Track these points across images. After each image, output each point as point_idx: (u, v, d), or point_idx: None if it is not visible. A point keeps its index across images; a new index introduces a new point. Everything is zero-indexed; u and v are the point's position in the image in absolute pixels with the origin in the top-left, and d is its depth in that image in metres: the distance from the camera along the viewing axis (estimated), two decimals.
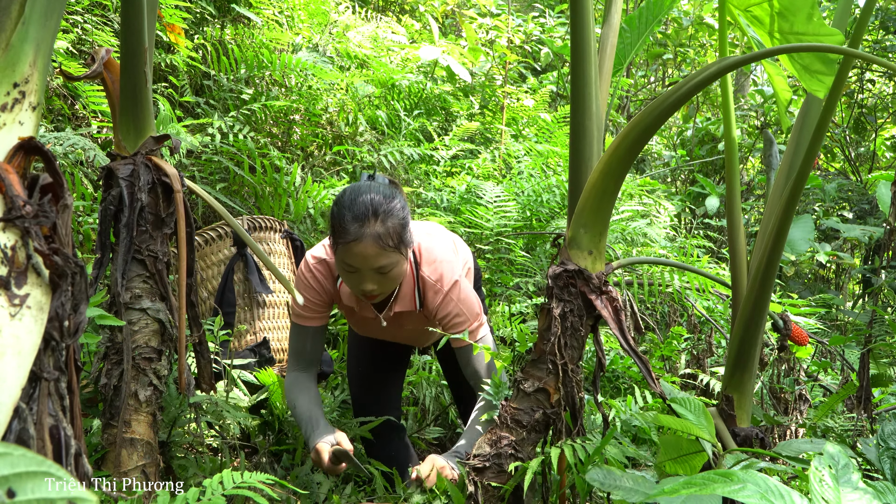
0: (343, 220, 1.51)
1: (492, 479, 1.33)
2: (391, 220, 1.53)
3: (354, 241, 1.50)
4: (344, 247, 1.52)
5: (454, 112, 4.65)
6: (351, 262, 1.53)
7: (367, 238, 1.50)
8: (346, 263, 1.54)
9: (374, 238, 1.50)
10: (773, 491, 0.82)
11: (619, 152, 1.30)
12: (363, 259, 1.51)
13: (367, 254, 1.51)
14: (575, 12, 1.35)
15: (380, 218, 1.51)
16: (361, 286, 1.57)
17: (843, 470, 0.89)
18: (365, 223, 1.50)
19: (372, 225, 1.50)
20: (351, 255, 1.52)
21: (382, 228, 1.51)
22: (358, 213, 1.51)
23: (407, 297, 1.73)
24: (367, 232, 1.50)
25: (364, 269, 1.54)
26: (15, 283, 0.75)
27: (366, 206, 1.51)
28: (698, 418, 1.21)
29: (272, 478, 1.21)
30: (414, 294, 1.73)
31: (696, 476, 0.87)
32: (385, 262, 1.53)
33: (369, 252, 1.51)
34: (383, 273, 1.55)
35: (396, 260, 1.56)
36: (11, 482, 0.49)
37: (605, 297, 1.35)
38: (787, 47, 1.22)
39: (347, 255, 1.53)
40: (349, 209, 1.52)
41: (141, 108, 1.40)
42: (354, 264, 1.53)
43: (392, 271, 1.57)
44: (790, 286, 5.52)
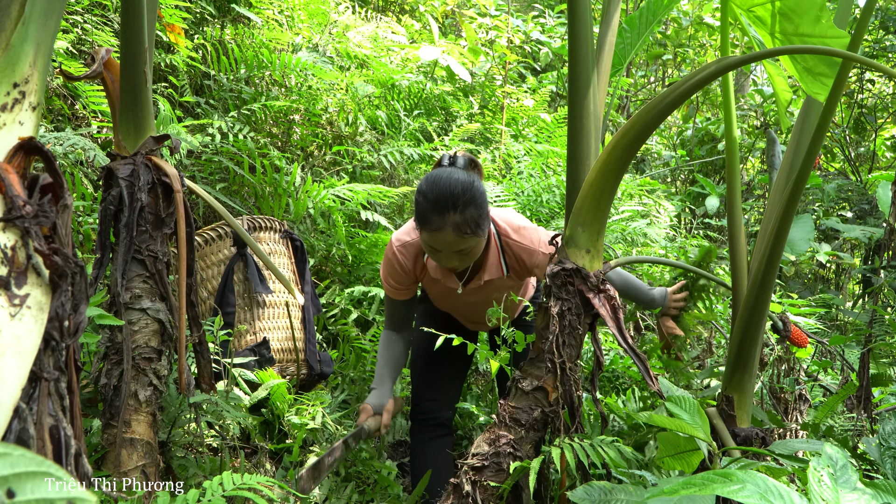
0: (424, 208, 1.64)
1: (490, 479, 1.33)
2: (469, 209, 1.64)
3: (436, 230, 1.64)
4: (427, 233, 1.67)
5: (454, 112, 4.65)
6: (433, 245, 1.69)
7: (447, 227, 1.63)
8: (429, 245, 1.70)
9: (453, 227, 1.63)
10: (772, 491, 0.82)
11: (618, 151, 1.30)
12: (444, 244, 1.66)
13: (447, 241, 1.65)
14: (573, 11, 1.35)
15: (459, 209, 1.62)
16: (442, 262, 1.74)
17: (841, 470, 0.89)
18: (445, 214, 1.62)
19: (451, 216, 1.62)
20: (434, 240, 1.67)
21: (461, 218, 1.63)
22: (438, 204, 1.62)
23: (493, 265, 1.87)
24: (447, 222, 1.62)
25: (445, 251, 1.69)
26: (15, 283, 0.76)
27: (445, 197, 1.62)
28: (693, 417, 1.21)
29: (272, 480, 1.21)
30: (500, 262, 1.88)
31: (695, 476, 0.87)
32: (464, 247, 1.68)
33: (449, 239, 1.65)
34: (462, 254, 1.71)
35: (475, 243, 1.70)
36: (11, 482, 0.49)
37: (603, 295, 1.36)
38: (789, 48, 1.22)
39: (429, 239, 1.68)
40: (431, 199, 1.63)
41: (141, 108, 1.40)
42: (436, 246, 1.69)
43: (471, 251, 1.72)
44: (790, 286, 5.52)
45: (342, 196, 2.92)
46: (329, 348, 2.64)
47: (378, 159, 3.48)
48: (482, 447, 1.36)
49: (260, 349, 2.18)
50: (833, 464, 0.90)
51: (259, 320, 2.26)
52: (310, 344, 2.33)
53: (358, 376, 2.46)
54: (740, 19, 1.50)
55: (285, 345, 2.28)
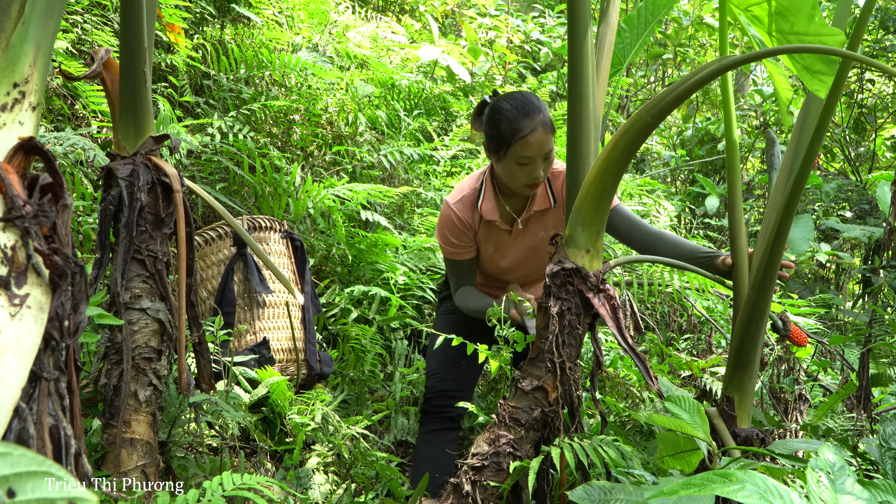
0: (511, 121, 1.73)
1: (490, 479, 1.33)
2: (544, 109, 1.75)
3: (531, 132, 1.71)
4: (520, 142, 1.72)
5: (454, 112, 4.65)
6: (527, 154, 1.74)
7: (539, 126, 1.71)
8: (522, 156, 1.74)
9: (543, 125, 1.72)
10: (771, 491, 0.82)
11: (617, 150, 1.30)
12: (539, 146, 1.73)
13: (541, 140, 1.72)
14: (572, 11, 1.35)
15: (541, 108, 1.74)
16: (533, 174, 1.78)
17: (839, 472, 0.89)
18: (533, 115, 1.72)
19: (538, 115, 1.73)
20: (528, 146, 1.72)
21: (545, 116, 1.74)
22: (523, 110, 1.73)
23: (541, 195, 1.92)
24: (537, 121, 1.72)
25: (537, 157, 1.75)
26: (15, 283, 0.76)
27: (523, 103, 1.74)
28: (692, 417, 1.21)
29: (272, 480, 1.21)
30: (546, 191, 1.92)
31: (695, 477, 0.87)
32: (551, 146, 1.76)
33: (542, 138, 1.72)
34: (547, 158, 1.77)
35: (552, 143, 1.77)
36: (12, 482, 0.49)
37: (603, 295, 1.36)
38: (786, 48, 1.22)
39: (524, 148, 1.73)
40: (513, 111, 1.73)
41: (140, 108, 1.40)
42: (531, 154, 1.74)
43: (550, 155, 1.79)
44: (790, 286, 5.52)
45: (342, 196, 2.92)
46: (329, 348, 2.64)
47: (378, 159, 3.48)
48: (482, 447, 1.37)
49: (260, 349, 2.18)
50: (831, 465, 0.90)
51: (259, 320, 2.26)
52: (310, 344, 2.33)
53: (358, 376, 2.46)
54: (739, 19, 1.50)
55: (285, 345, 2.29)
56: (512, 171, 1.80)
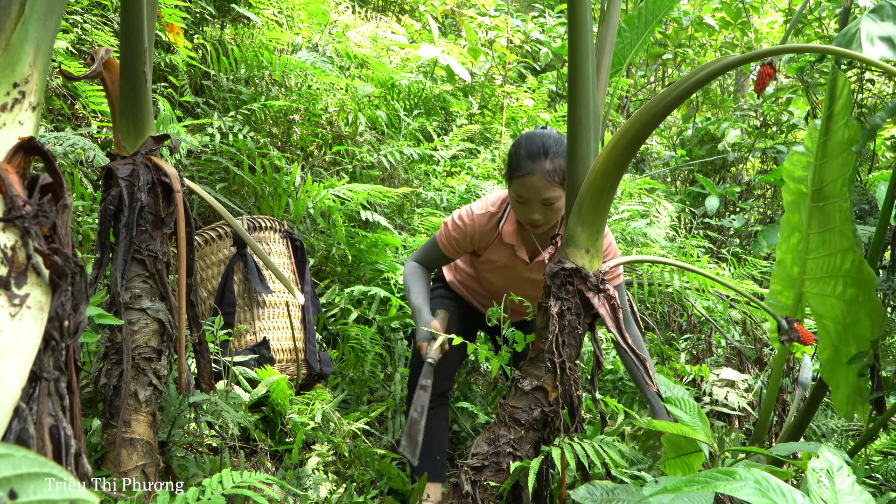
0: (518, 156, 1.78)
1: (490, 479, 1.33)
2: (559, 159, 1.76)
3: (527, 175, 1.75)
4: (518, 179, 1.77)
5: (454, 112, 4.64)
6: (522, 194, 1.78)
7: (537, 172, 1.74)
8: (518, 195, 1.79)
9: (542, 172, 1.74)
10: (773, 489, 0.82)
11: (617, 150, 1.30)
12: (533, 190, 1.75)
13: (536, 186, 1.75)
14: (573, 11, 1.35)
15: (549, 156, 1.75)
16: (530, 215, 1.81)
17: (838, 471, 0.89)
18: (536, 159, 1.74)
19: (542, 161, 1.74)
20: (523, 186, 1.76)
21: (551, 165, 1.74)
22: (531, 150, 1.76)
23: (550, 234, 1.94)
24: (537, 167, 1.74)
25: (533, 200, 1.78)
26: (15, 283, 0.76)
27: (538, 145, 1.76)
28: (693, 419, 1.21)
29: (271, 478, 1.21)
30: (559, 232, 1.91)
31: (698, 474, 0.87)
32: (550, 195, 1.77)
33: (538, 184, 1.74)
34: (548, 205, 1.79)
35: (560, 195, 1.78)
36: (14, 483, 0.49)
37: (603, 295, 1.36)
38: (784, 48, 1.22)
39: (520, 187, 1.77)
40: (524, 147, 1.77)
41: (141, 108, 1.40)
42: (525, 195, 1.78)
43: (555, 204, 1.80)
44: None
45: (342, 196, 2.92)
46: (329, 348, 2.64)
47: (378, 159, 3.48)
48: (482, 447, 1.37)
49: (260, 349, 2.18)
50: (831, 465, 0.90)
51: (259, 320, 2.26)
52: (310, 344, 2.33)
53: (358, 376, 2.46)
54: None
55: (285, 345, 2.29)
56: (513, 205, 1.85)
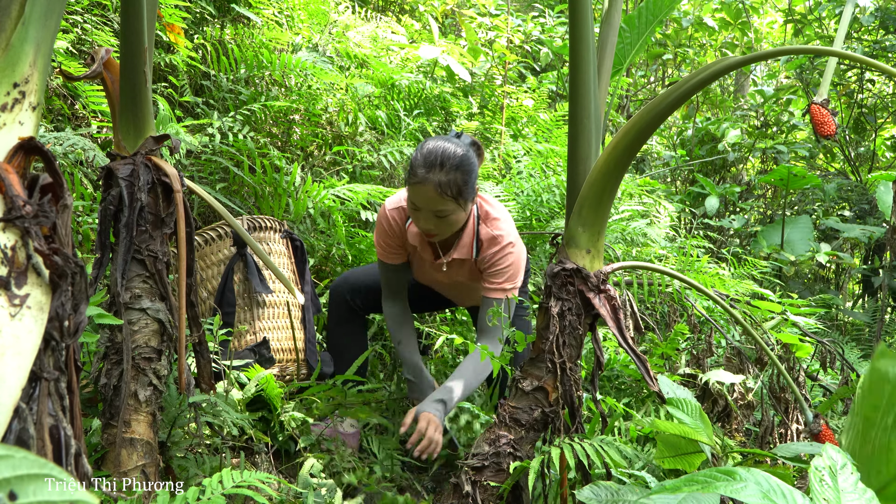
0: (415, 163, 1.76)
1: (490, 479, 1.33)
2: (455, 172, 1.74)
3: (419, 183, 1.73)
4: (411, 186, 1.77)
5: (454, 112, 4.64)
6: (414, 201, 1.78)
7: (429, 182, 1.72)
8: (411, 201, 1.79)
9: (435, 184, 1.72)
10: (774, 490, 0.82)
11: (618, 151, 1.30)
12: (424, 200, 1.75)
13: (427, 196, 1.74)
14: (574, 10, 1.35)
15: (445, 168, 1.73)
16: (420, 223, 1.82)
17: (841, 471, 0.89)
18: (431, 170, 1.72)
19: (437, 173, 1.72)
20: (415, 194, 1.76)
21: (445, 178, 1.72)
22: (428, 159, 1.74)
23: (466, 246, 1.95)
24: (430, 177, 1.72)
25: (425, 209, 1.77)
26: (15, 283, 0.75)
27: (436, 155, 1.74)
28: (695, 421, 1.21)
29: (272, 477, 1.21)
30: (472, 245, 1.95)
31: (699, 473, 0.87)
32: (442, 207, 1.76)
33: (429, 195, 1.73)
34: (440, 217, 1.78)
35: (453, 208, 1.78)
36: (13, 485, 0.49)
37: (604, 295, 1.36)
38: (784, 49, 1.22)
39: (412, 194, 1.77)
40: (423, 154, 1.75)
41: (141, 108, 1.40)
42: (417, 203, 1.78)
43: (448, 217, 1.79)
44: (790, 286, 5.52)
45: (342, 196, 2.92)
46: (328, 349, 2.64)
47: (378, 159, 3.48)
48: (482, 447, 1.36)
49: (260, 349, 2.18)
50: (834, 464, 0.90)
51: (259, 320, 2.26)
52: (310, 344, 2.33)
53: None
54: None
55: (285, 345, 2.28)
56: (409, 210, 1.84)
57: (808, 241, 5.33)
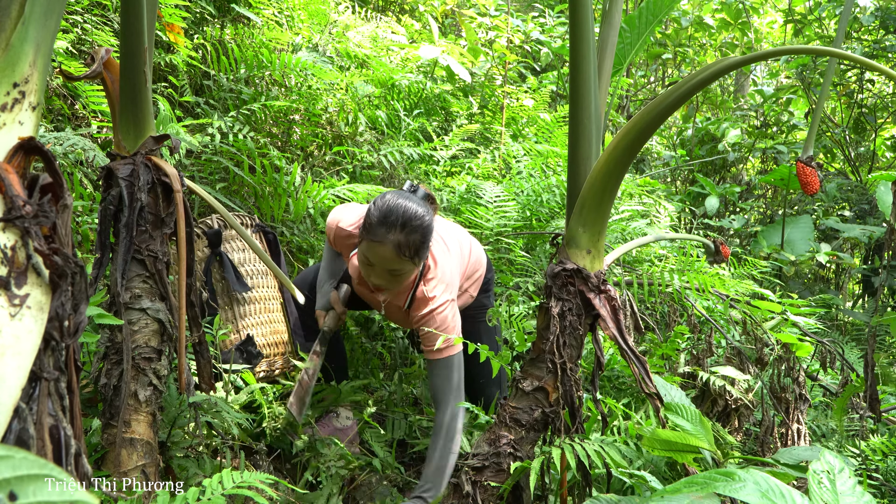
0: (374, 220, 1.70)
1: (490, 479, 1.33)
2: (414, 234, 1.69)
3: (378, 242, 1.69)
4: (367, 243, 1.72)
5: (454, 112, 4.64)
6: (369, 257, 1.74)
7: (388, 243, 1.68)
8: (365, 256, 1.75)
9: (394, 245, 1.68)
10: (773, 490, 0.82)
11: (619, 151, 1.30)
12: (381, 259, 1.71)
13: (384, 256, 1.70)
14: (574, 11, 1.35)
15: (406, 230, 1.68)
16: (372, 278, 1.79)
17: (839, 474, 0.89)
18: (391, 230, 1.68)
19: (396, 233, 1.68)
20: (371, 251, 1.72)
21: (404, 239, 1.69)
22: (388, 219, 1.69)
23: (402, 294, 1.91)
24: (390, 238, 1.68)
25: (378, 266, 1.74)
26: (15, 283, 0.75)
27: (397, 215, 1.69)
28: (695, 427, 1.21)
29: (272, 477, 1.21)
30: (407, 295, 1.91)
31: (698, 476, 0.87)
32: (398, 267, 1.72)
33: (387, 255, 1.69)
34: (393, 275, 1.75)
35: (409, 269, 1.75)
36: (13, 485, 0.49)
37: (604, 296, 1.36)
38: (784, 49, 1.22)
39: (368, 251, 1.73)
40: (382, 212, 1.70)
41: (141, 108, 1.40)
42: (372, 260, 1.73)
43: (401, 276, 1.76)
44: (790, 286, 5.52)
45: (342, 196, 2.92)
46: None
47: (378, 159, 3.48)
48: (482, 447, 1.36)
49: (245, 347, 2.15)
50: (832, 467, 0.90)
51: (242, 318, 2.24)
52: (296, 336, 2.32)
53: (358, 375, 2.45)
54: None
55: (271, 339, 2.27)
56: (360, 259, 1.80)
57: (808, 241, 5.34)
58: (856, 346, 4.54)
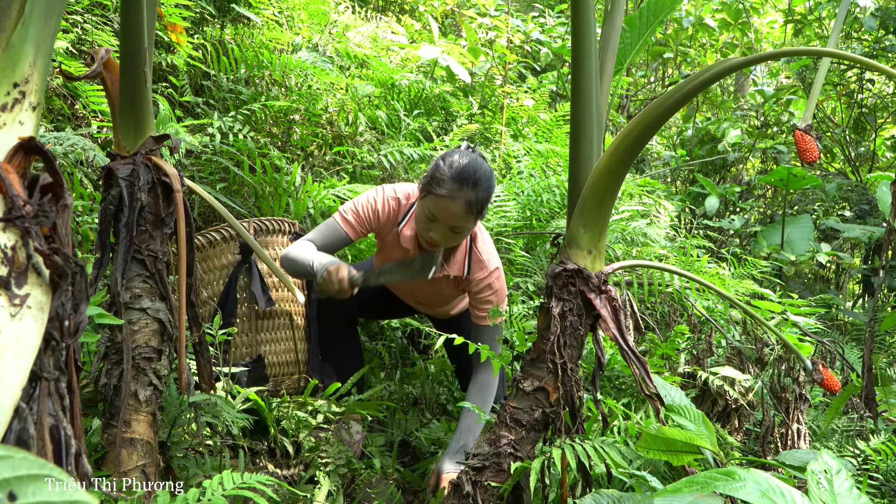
0: (441, 175, 1.70)
1: (491, 479, 1.33)
2: (483, 192, 1.72)
3: (448, 198, 1.69)
4: (436, 198, 1.71)
5: (454, 112, 4.64)
6: (435, 213, 1.73)
7: (459, 199, 1.69)
8: (430, 212, 1.74)
9: (465, 201, 1.69)
10: (773, 490, 0.82)
11: (620, 152, 1.30)
12: (448, 215, 1.71)
13: (453, 212, 1.70)
14: (576, 11, 1.35)
15: (477, 187, 1.70)
16: (431, 233, 1.77)
17: (837, 475, 0.89)
18: (464, 186, 1.69)
19: (469, 190, 1.69)
20: (439, 207, 1.71)
21: (474, 196, 1.70)
22: (462, 175, 1.69)
23: (458, 262, 1.93)
24: (462, 194, 1.69)
25: (443, 222, 1.73)
26: (15, 283, 0.75)
27: (470, 172, 1.70)
28: (699, 427, 1.21)
29: (272, 479, 1.21)
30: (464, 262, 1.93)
31: (698, 475, 0.87)
32: (462, 224, 1.74)
33: (456, 211, 1.70)
34: (455, 232, 1.76)
35: (470, 226, 1.77)
36: (13, 485, 0.49)
37: (605, 296, 1.35)
38: (784, 51, 1.22)
39: (436, 206, 1.72)
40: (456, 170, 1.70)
41: (141, 108, 1.40)
42: (438, 215, 1.73)
43: (461, 233, 1.77)
44: (790, 286, 5.52)
45: (342, 196, 2.92)
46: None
47: (378, 159, 3.48)
48: (483, 447, 1.36)
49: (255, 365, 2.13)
50: (829, 468, 0.90)
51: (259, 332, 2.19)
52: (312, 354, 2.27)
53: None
54: None
55: (283, 357, 2.22)
56: (418, 217, 1.79)
57: (809, 240, 5.33)
58: (856, 346, 4.54)
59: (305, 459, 1.92)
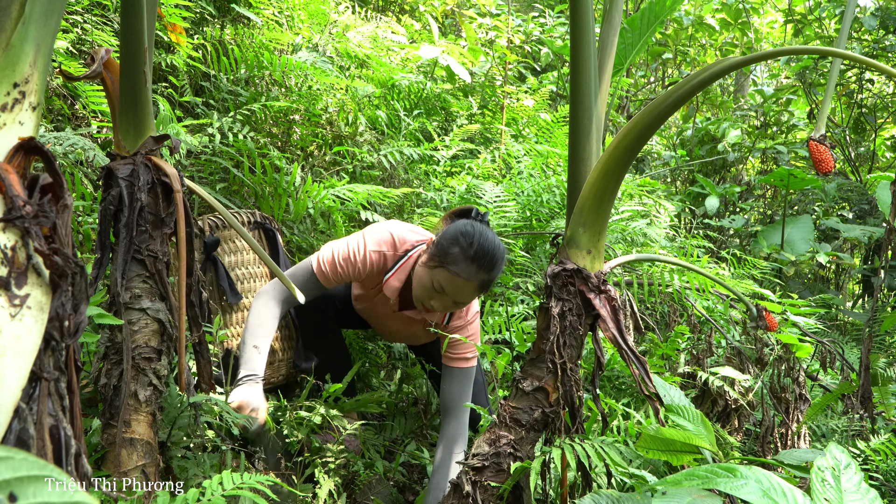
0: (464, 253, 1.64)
1: (490, 479, 1.33)
2: (497, 273, 1.69)
3: (463, 278, 1.64)
4: (450, 275, 1.65)
5: (454, 112, 4.64)
6: (445, 287, 1.67)
7: (474, 280, 1.65)
8: (440, 285, 1.67)
9: (479, 283, 1.67)
10: (774, 488, 0.82)
11: (619, 151, 1.30)
12: (458, 292, 1.67)
13: (465, 291, 1.67)
14: (575, 11, 1.35)
15: (493, 270, 1.67)
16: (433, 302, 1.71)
17: (845, 470, 0.88)
18: (481, 269, 1.65)
19: (484, 273, 1.65)
20: (451, 283, 1.66)
21: (488, 277, 1.67)
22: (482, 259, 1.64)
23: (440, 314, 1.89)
24: (478, 276, 1.65)
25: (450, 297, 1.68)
26: (15, 284, 0.75)
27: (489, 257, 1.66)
28: (697, 427, 1.21)
29: (272, 479, 1.21)
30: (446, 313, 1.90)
31: (699, 469, 0.87)
32: (469, 300, 1.70)
33: (468, 290, 1.67)
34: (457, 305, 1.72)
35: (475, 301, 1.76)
36: (13, 486, 0.49)
37: (604, 296, 1.35)
38: (784, 50, 1.22)
39: (448, 282, 1.66)
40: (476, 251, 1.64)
41: (141, 108, 1.40)
42: (447, 290, 1.67)
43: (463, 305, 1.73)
44: (790, 286, 5.52)
45: (342, 196, 2.92)
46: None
47: (378, 159, 3.48)
48: (482, 447, 1.36)
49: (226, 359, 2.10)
50: (837, 463, 0.89)
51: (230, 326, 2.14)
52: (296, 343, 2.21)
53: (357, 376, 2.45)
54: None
55: None
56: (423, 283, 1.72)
57: (809, 241, 5.33)
58: (856, 346, 4.54)
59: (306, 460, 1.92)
